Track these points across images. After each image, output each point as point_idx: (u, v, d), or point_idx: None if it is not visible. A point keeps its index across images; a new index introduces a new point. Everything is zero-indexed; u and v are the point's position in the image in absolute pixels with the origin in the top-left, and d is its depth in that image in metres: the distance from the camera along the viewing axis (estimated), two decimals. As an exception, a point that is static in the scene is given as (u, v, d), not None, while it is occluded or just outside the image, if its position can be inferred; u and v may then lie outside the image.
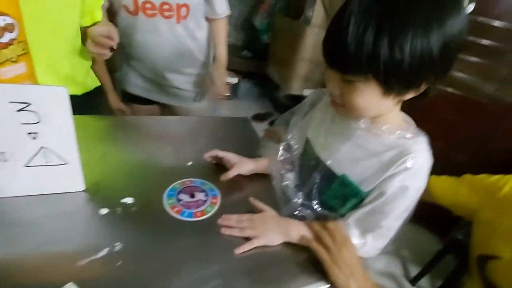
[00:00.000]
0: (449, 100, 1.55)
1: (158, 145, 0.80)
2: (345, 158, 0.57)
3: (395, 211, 0.53)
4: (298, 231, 0.58)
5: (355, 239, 0.56)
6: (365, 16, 0.40)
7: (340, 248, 0.53)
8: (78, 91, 0.86)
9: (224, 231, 0.57)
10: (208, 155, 0.72)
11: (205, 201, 0.63)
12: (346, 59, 0.42)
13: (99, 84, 0.99)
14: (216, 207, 0.63)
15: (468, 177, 0.77)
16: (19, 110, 0.46)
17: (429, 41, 0.40)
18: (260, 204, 0.63)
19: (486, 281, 0.64)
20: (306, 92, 1.94)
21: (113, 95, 1.16)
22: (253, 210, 0.63)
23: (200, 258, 0.52)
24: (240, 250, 0.54)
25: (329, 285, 0.52)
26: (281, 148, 0.68)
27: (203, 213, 0.61)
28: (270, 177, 0.69)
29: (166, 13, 0.93)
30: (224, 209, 0.62)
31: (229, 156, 0.71)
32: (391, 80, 0.43)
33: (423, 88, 0.46)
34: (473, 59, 1.47)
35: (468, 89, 1.51)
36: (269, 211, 0.62)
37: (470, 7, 0.45)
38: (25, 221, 0.51)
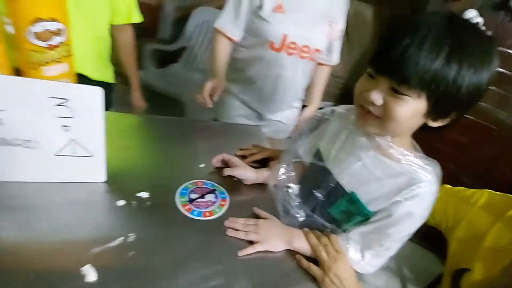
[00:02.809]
0: (461, 123, 1.58)
1: (175, 145, 0.85)
2: (356, 176, 0.59)
3: (398, 234, 0.55)
4: (300, 242, 0.61)
5: (353, 253, 0.58)
6: (438, 42, 0.44)
7: (333, 263, 0.56)
8: (93, 75, 0.99)
9: (230, 232, 0.60)
10: (216, 160, 0.77)
11: (214, 202, 0.67)
12: (411, 73, 0.44)
13: (113, 81, 1.12)
14: (224, 209, 0.66)
15: (446, 187, 0.79)
16: (58, 105, 0.51)
17: (482, 77, 0.45)
18: (264, 213, 0.66)
19: None
20: (321, 104, 1.96)
21: (138, 92, 1.25)
22: (258, 216, 0.66)
23: (205, 256, 0.55)
24: (243, 252, 0.57)
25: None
26: (282, 166, 0.70)
27: (211, 213, 0.64)
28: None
29: (303, 54, 1.05)
30: (231, 212, 0.66)
31: (234, 160, 0.75)
32: (441, 103, 0.47)
33: (448, 119, 0.50)
34: (491, 87, 1.51)
35: (481, 114, 1.53)
36: (274, 219, 0.65)
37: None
38: (47, 206, 0.56)
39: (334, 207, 0.63)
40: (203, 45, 2.56)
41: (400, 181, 0.54)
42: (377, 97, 0.49)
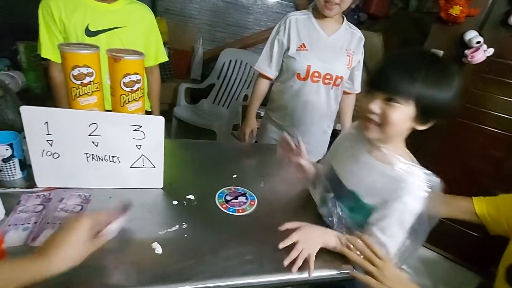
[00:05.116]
0: (493, 137, 1.66)
1: (213, 161, 1.05)
2: (356, 178, 0.75)
3: (393, 225, 0.68)
4: (334, 243, 0.70)
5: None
6: (418, 67, 0.63)
7: (382, 275, 0.63)
8: None
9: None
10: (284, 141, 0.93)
11: (245, 202, 0.84)
12: (402, 86, 0.62)
13: (150, 109, 1.38)
14: (253, 208, 0.83)
15: (503, 195, 0.88)
16: (134, 130, 0.73)
17: (450, 92, 0.63)
18: (296, 224, 0.71)
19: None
20: (338, 127, 2.13)
21: (156, 113, 1.47)
22: (283, 212, 0.82)
23: (240, 240, 0.71)
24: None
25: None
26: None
27: (243, 210, 0.81)
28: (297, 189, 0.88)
29: (326, 81, 1.26)
30: (259, 210, 0.82)
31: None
32: (425, 108, 0.63)
33: (428, 125, 0.67)
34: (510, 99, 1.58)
35: (506, 126, 1.62)
36: (311, 225, 0.72)
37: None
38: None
39: (355, 212, 0.75)
40: (229, 82, 2.87)
41: (392, 182, 0.67)
42: (375, 107, 0.66)
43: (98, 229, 0.54)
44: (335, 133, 1.48)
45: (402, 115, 0.64)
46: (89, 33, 1.08)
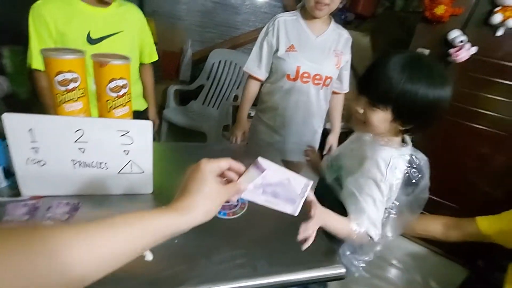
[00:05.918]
0: (482, 135, 1.71)
1: (201, 165, 1.04)
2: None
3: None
4: None
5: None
6: (398, 75, 0.66)
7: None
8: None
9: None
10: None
11: (236, 205, 0.84)
12: (379, 95, 0.69)
13: (145, 107, 1.41)
14: (243, 211, 0.83)
15: (506, 212, 0.92)
16: (122, 135, 0.72)
17: (432, 96, 0.66)
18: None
19: None
20: (328, 126, 2.15)
21: (154, 110, 1.50)
22: (274, 215, 0.81)
23: (231, 243, 0.71)
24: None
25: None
26: None
27: (234, 213, 0.81)
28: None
29: (316, 81, 1.27)
30: (250, 213, 0.82)
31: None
32: (401, 114, 0.69)
33: (413, 124, 0.72)
34: (499, 98, 1.63)
35: (494, 124, 1.66)
36: None
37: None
38: (116, 211, 0.75)
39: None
40: (219, 82, 2.86)
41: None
42: (359, 108, 0.74)
43: (228, 176, 0.55)
44: (325, 133, 1.51)
45: (381, 118, 0.71)
46: (92, 40, 1.06)
